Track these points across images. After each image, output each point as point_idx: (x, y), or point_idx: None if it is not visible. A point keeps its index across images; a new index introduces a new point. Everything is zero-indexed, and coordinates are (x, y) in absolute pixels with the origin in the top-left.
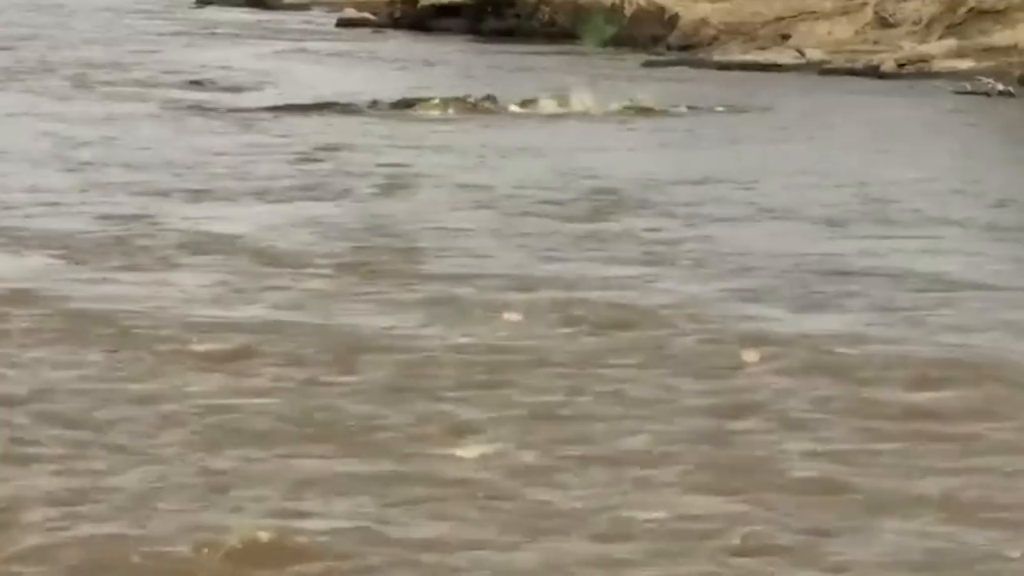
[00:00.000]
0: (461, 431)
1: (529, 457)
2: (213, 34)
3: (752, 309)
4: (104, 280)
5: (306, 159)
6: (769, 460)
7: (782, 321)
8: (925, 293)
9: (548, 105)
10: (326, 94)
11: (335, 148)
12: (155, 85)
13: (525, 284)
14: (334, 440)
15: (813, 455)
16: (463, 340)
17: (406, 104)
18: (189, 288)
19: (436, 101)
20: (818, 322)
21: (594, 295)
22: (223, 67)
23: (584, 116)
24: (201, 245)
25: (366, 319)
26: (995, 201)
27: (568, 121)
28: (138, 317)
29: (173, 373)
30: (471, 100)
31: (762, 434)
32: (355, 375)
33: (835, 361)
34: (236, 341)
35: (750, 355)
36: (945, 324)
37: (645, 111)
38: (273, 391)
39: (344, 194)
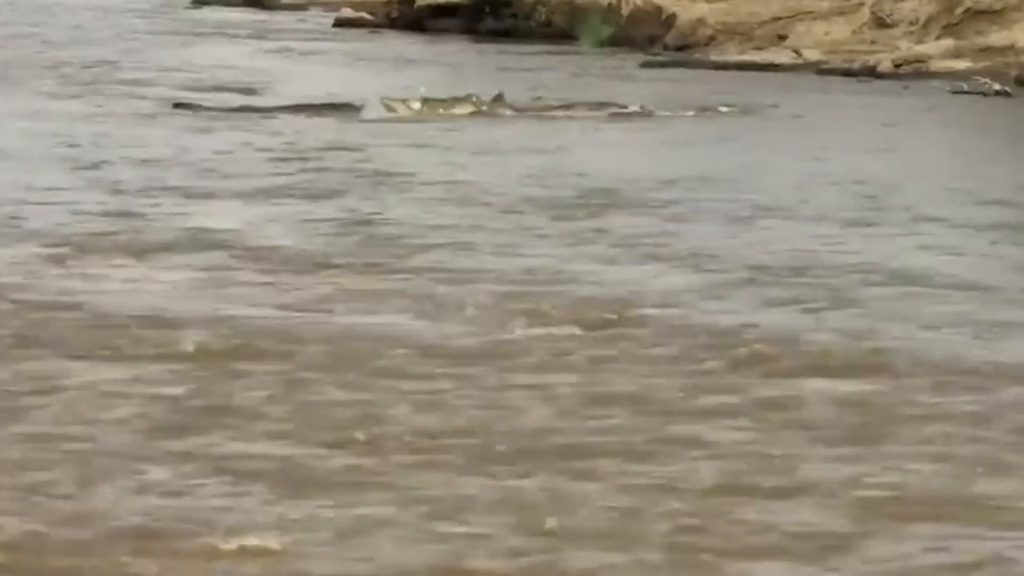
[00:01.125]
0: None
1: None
2: (208, 34)
3: (706, 304)
4: (76, 275)
5: (297, 158)
6: (594, 445)
7: (730, 315)
8: (890, 288)
9: (540, 105)
10: (320, 94)
11: (326, 147)
12: (148, 84)
13: (493, 278)
14: (228, 426)
15: (651, 440)
16: (408, 332)
17: (398, 103)
18: (163, 283)
19: (421, 100)
20: (765, 316)
21: (556, 289)
22: (217, 67)
23: (579, 116)
24: (184, 242)
25: (328, 315)
26: (986, 200)
27: (562, 121)
28: (102, 310)
29: (125, 366)
30: (475, 99)
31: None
32: (286, 365)
33: (754, 353)
34: (194, 335)
35: (665, 346)
36: (896, 318)
37: (637, 112)
38: (193, 380)
39: (333, 193)
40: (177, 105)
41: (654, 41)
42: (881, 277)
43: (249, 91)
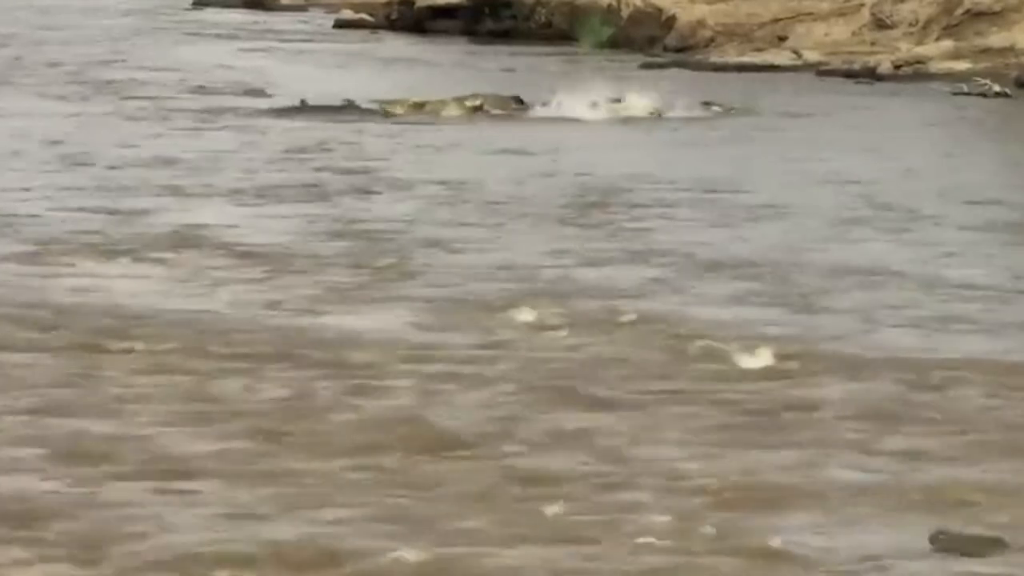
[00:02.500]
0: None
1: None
2: (207, 35)
3: (663, 298)
4: (47, 272)
5: (291, 158)
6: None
7: (685, 309)
8: (862, 286)
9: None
10: (318, 94)
11: (321, 147)
12: (145, 84)
13: (466, 275)
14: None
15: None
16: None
17: (394, 104)
18: (136, 280)
19: (416, 101)
20: (727, 310)
21: (523, 286)
22: (216, 68)
23: (577, 117)
24: (169, 240)
25: (295, 313)
26: (983, 200)
27: (558, 122)
28: (57, 306)
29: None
30: (482, 101)
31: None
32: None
33: (699, 346)
34: (141, 332)
35: (606, 337)
36: (855, 314)
37: (637, 114)
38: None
39: (325, 192)
40: (170, 106)
41: (654, 42)
42: (858, 275)
43: (247, 92)
